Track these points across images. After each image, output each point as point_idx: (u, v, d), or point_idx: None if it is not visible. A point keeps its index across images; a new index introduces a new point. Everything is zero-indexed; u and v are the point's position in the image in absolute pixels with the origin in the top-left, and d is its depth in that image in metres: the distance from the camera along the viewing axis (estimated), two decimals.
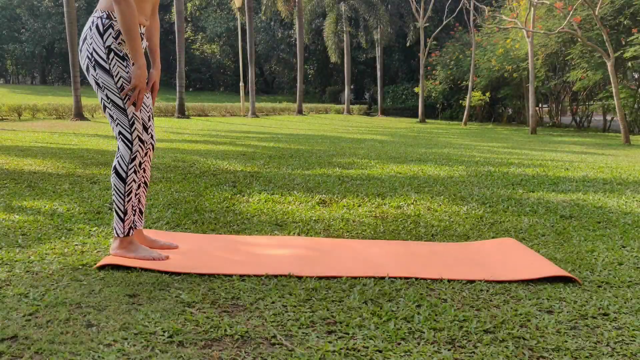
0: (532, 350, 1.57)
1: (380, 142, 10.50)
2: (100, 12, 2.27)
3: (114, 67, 2.23)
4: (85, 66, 2.28)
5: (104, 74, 2.23)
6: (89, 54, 2.24)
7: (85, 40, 2.27)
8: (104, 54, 2.23)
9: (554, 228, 3.14)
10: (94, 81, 2.26)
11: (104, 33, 2.23)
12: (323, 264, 2.33)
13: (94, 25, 2.25)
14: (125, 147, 2.28)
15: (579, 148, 10.42)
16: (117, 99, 2.25)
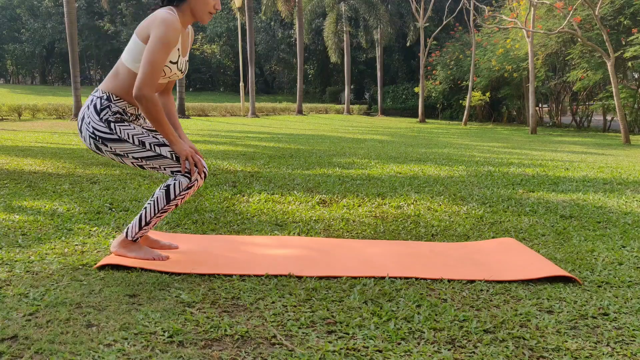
0: (532, 350, 1.57)
1: (380, 142, 10.50)
2: (100, 92, 2.27)
3: (122, 132, 2.22)
4: (94, 146, 2.25)
5: (116, 143, 2.22)
6: (91, 134, 2.23)
7: (83, 119, 2.25)
8: (105, 127, 2.21)
9: (554, 228, 3.14)
10: (113, 155, 2.25)
11: (100, 112, 2.22)
12: (323, 264, 2.33)
13: (92, 104, 2.24)
14: (184, 176, 2.26)
15: (579, 148, 10.42)
16: (146, 153, 2.23)
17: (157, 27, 2.14)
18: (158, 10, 2.21)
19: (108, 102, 2.24)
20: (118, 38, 38.48)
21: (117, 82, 2.25)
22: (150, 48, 2.13)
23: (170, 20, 2.16)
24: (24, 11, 38.96)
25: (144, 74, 2.13)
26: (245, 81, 22.58)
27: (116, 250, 2.30)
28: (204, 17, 2.28)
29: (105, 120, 2.21)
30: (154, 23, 2.16)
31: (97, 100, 2.24)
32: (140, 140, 2.22)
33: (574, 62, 17.15)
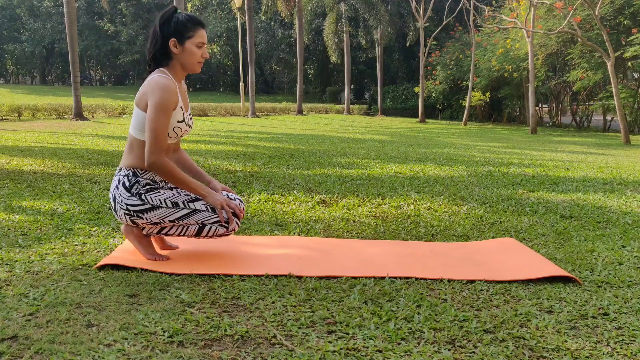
0: (532, 350, 1.57)
1: (380, 142, 10.50)
2: (125, 170, 2.29)
3: (154, 200, 2.24)
4: (130, 221, 2.27)
5: (151, 212, 2.24)
6: (126, 211, 2.24)
7: (115, 200, 2.27)
8: (137, 200, 2.23)
9: (554, 228, 3.14)
10: (151, 224, 2.26)
11: (130, 188, 2.25)
12: (323, 264, 2.33)
13: (121, 183, 2.26)
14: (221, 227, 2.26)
15: (579, 148, 10.42)
16: (182, 211, 2.24)
17: (153, 92, 2.17)
18: (150, 76, 2.23)
19: (135, 177, 2.27)
20: (118, 38, 38.48)
21: (134, 156, 2.28)
22: (150, 115, 2.16)
23: (163, 83, 2.18)
24: (24, 11, 38.96)
25: (149, 143, 2.17)
26: (245, 81, 22.58)
27: (127, 235, 2.32)
28: (195, 68, 2.30)
29: (136, 194, 2.24)
30: (150, 90, 2.18)
31: (124, 179, 2.27)
32: (173, 202, 2.24)
33: (574, 62, 17.15)
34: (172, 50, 2.23)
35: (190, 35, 2.24)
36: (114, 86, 41.70)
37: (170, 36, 2.22)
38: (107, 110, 18.12)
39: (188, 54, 2.25)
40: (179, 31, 2.22)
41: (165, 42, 2.22)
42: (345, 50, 26.55)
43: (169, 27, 2.22)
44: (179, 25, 2.22)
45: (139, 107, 2.23)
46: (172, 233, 2.31)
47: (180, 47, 2.23)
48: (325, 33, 26.81)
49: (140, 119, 2.22)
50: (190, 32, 2.24)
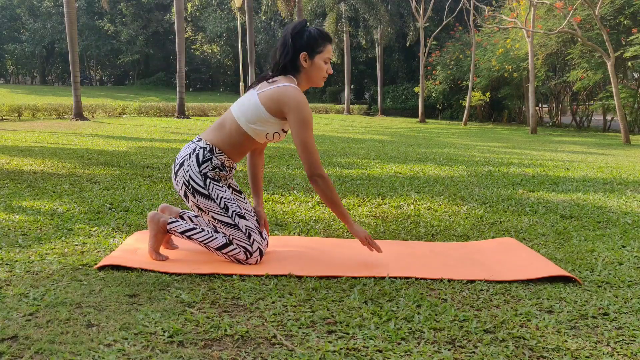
0: (532, 350, 1.57)
1: (380, 142, 10.51)
2: (204, 142, 2.30)
3: (213, 191, 2.26)
4: (183, 192, 2.29)
5: (204, 199, 2.25)
6: (186, 181, 2.26)
7: (182, 165, 2.28)
8: (201, 180, 2.25)
9: (554, 228, 3.14)
10: (196, 206, 2.28)
11: (202, 163, 2.26)
12: (323, 264, 2.33)
13: (195, 153, 2.28)
14: (245, 254, 2.28)
15: (579, 148, 10.42)
16: (225, 218, 2.26)
17: (298, 109, 2.19)
18: (284, 86, 2.23)
19: (210, 154, 2.28)
20: (118, 38, 38.48)
21: (223, 135, 2.29)
22: (300, 132, 2.21)
23: (303, 99, 2.21)
24: (24, 11, 38.97)
25: (306, 158, 2.22)
26: (245, 81, 22.60)
27: (151, 221, 2.32)
28: (320, 82, 2.35)
29: (203, 174, 2.25)
30: (288, 102, 2.20)
31: (200, 151, 2.28)
32: (226, 205, 2.26)
33: (574, 62, 17.15)
34: (302, 64, 2.26)
35: (320, 50, 2.27)
36: (114, 86, 41.71)
37: (301, 49, 2.25)
38: (107, 110, 18.13)
39: (316, 68, 2.28)
40: (311, 45, 2.25)
41: (296, 54, 2.25)
42: (345, 50, 26.55)
43: (301, 40, 2.25)
44: (311, 39, 2.25)
45: (263, 105, 2.22)
46: (197, 238, 2.31)
47: (309, 61, 2.27)
48: None
49: (257, 114, 2.23)
50: (321, 46, 2.27)
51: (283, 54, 2.25)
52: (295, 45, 2.24)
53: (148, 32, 38.65)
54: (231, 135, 2.28)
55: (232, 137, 2.28)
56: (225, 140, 2.29)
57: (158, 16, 38.58)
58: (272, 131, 2.29)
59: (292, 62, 2.26)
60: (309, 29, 2.27)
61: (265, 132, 2.27)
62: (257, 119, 2.24)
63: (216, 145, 2.29)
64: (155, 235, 2.33)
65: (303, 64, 2.26)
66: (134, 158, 6.12)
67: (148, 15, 38.73)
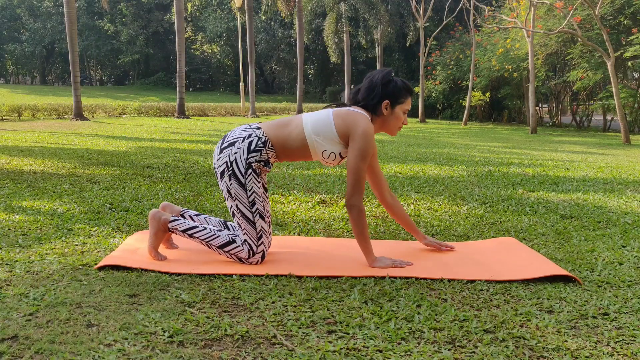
0: (533, 350, 1.57)
1: (380, 141, 10.50)
2: (262, 132, 2.32)
3: (249, 182, 2.28)
4: (221, 171, 2.30)
5: (238, 186, 2.27)
6: (229, 162, 2.28)
7: (231, 145, 2.30)
8: (244, 167, 2.27)
9: (554, 228, 3.14)
10: (226, 189, 2.30)
11: (252, 151, 2.28)
12: (323, 264, 2.33)
13: (248, 139, 2.29)
14: (248, 253, 2.29)
15: (579, 148, 10.42)
16: (247, 212, 2.28)
17: (363, 138, 2.24)
18: (359, 113, 2.30)
19: (263, 146, 2.30)
20: (118, 38, 38.48)
21: (282, 133, 2.32)
22: (355, 160, 2.24)
23: (371, 133, 2.28)
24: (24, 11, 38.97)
25: (352, 184, 2.25)
26: (246, 81, 22.59)
27: (152, 219, 2.33)
28: (394, 132, 2.43)
29: (248, 162, 2.27)
30: (357, 129, 2.25)
31: (254, 139, 2.30)
32: (253, 201, 2.29)
33: (574, 61, 17.14)
34: (382, 110, 2.35)
35: (402, 101, 2.38)
36: (114, 86, 41.69)
37: (385, 97, 2.34)
38: (107, 110, 18.13)
39: (394, 117, 2.39)
40: (395, 95, 2.36)
41: (380, 100, 2.33)
42: (346, 50, 26.55)
43: (387, 88, 2.34)
44: (396, 89, 2.36)
45: (335, 125, 2.28)
46: (198, 236, 2.31)
47: (390, 109, 2.37)
48: (325, 33, 26.81)
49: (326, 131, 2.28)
50: (403, 98, 2.38)
51: (370, 96, 2.34)
52: (382, 92, 2.33)
53: (148, 32, 38.64)
54: (290, 137, 2.31)
55: (291, 139, 2.31)
56: (281, 139, 2.32)
57: (158, 16, 38.59)
58: (330, 151, 2.31)
59: (374, 106, 2.35)
60: (395, 80, 2.37)
61: (323, 149, 2.31)
62: (322, 133, 2.28)
63: (271, 139, 2.31)
64: (155, 234, 2.33)
65: (383, 111, 2.36)
66: (134, 158, 6.12)
67: (148, 15, 38.72)
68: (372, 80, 2.35)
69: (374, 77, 2.35)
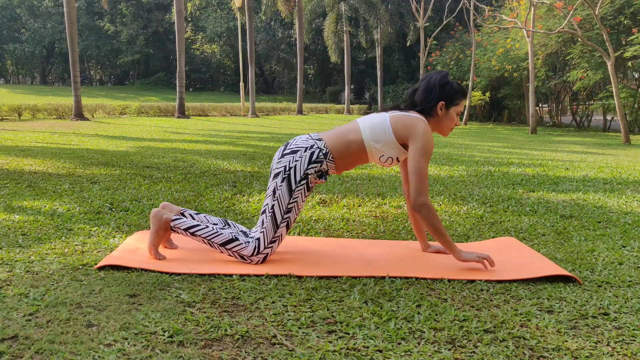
0: (533, 350, 1.57)
1: None
2: (323, 144, 2.35)
3: (297, 191, 2.31)
4: (277, 172, 2.33)
5: (285, 190, 2.30)
6: (287, 167, 2.31)
7: (294, 153, 2.34)
8: (300, 176, 2.31)
9: (554, 228, 3.14)
10: (273, 188, 2.32)
11: (312, 162, 2.32)
12: (323, 264, 2.33)
13: (310, 150, 2.33)
14: (252, 251, 2.30)
15: (579, 148, 10.42)
16: (279, 215, 2.31)
17: (424, 136, 2.28)
18: (416, 117, 2.33)
19: (324, 158, 2.33)
20: (118, 38, 38.48)
21: (341, 144, 2.35)
22: (418, 158, 2.26)
23: (430, 131, 2.31)
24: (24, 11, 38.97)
25: (417, 184, 2.25)
26: (245, 81, 22.59)
27: (153, 218, 2.34)
28: (446, 132, 2.45)
29: (305, 173, 2.31)
30: (417, 131, 2.29)
31: (316, 150, 2.33)
32: (289, 209, 2.32)
33: (574, 61, 17.14)
34: (437, 111, 2.38)
35: (456, 103, 2.40)
36: (114, 86, 41.69)
37: (441, 99, 2.37)
38: (107, 110, 18.13)
39: (448, 119, 2.41)
40: (450, 97, 2.38)
41: (437, 101, 2.36)
42: (346, 50, 26.56)
43: (443, 90, 2.37)
44: (452, 91, 2.38)
45: (394, 129, 2.30)
46: (201, 234, 2.31)
47: (444, 111, 2.39)
48: (325, 33, 26.82)
49: (384, 136, 2.31)
50: (458, 100, 2.40)
51: (427, 98, 2.37)
52: (439, 94, 2.36)
53: (148, 32, 38.65)
54: (349, 146, 2.35)
55: (350, 148, 2.35)
56: (341, 150, 2.35)
57: (158, 16, 38.59)
58: (388, 155, 2.34)
59: (429, 108, 2.37)
60: (451, 82, 2.39)
61: (381, 154, 2.34)
62: (381, 139, 2.31)
63: (332, 151, 2.35)
64: (156, 232, 2.33)
65: (438, 112, 2.38)
66: (134, 158, 6.12)
67: (148, 15, 38.73)
68: (430, 82, 2.37)
69: (432, 79, 2.38)
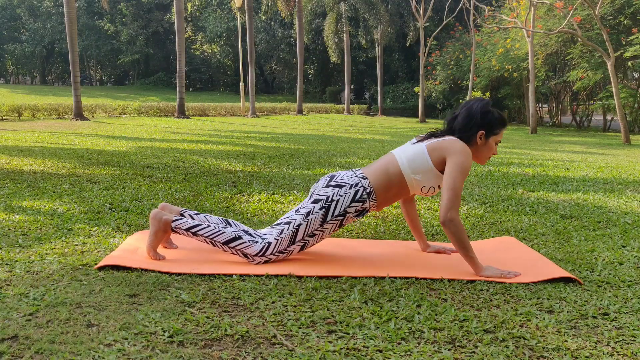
0: (533, 350, 1.57)
1: (380, 142, 10.50)
2: (368, 183, 2.33)
3: (329, 224, 2.31)
4: (317, 199, 2.33)
5: (319, 217, 2.30)
6: (330, 198, 2.30)
7: (338, 187, 2.32)
8: (338, 212, 2.30)
9: (554, 228, 3.14)
10: (308, 210, 2.31)
11: (355, 201, 2.30)
12: (323, 263, 2.33)
13: (355, 188, 2.32)
14: (258, 251, 2.29)
15: (579, 148, 10.42)
16: (300, 235, 2.30)
17: (460, 153, 2.26)
18: (453, 139, 2.33)
19: (367, 197, 2.33)
20: (118, 38, 38.47)
21: (384, 180, 2.34)
22: (454, 174, 2.24)
23: (468, 151, 2.30)
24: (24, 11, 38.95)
25: (449, 200, 2.20)
26: (246, 81, 22.58)
27: (152, 219, 2.33)
28: (484, 161, 2.43)
29: (345, 210, 2.30)
30: (454, 149, 2.28)
31: (361, 189, 2.32)
32: (314, 234, 2.33)
33: (574, 61, 17.14)
34: (477, 140, 2.36)
35: (496, 132, 2.37)
36: (114, 86, 41.68)
37: (481, 127, 2.34)
38: (107, 110, 18.13)
39: (487, 148, 2.39)
40: (491, 126, 2.35)
41: (476, 129, 2.34)
42: (346, 50, 26.55)
43: (485, 119, 2.34)
44: (493, 121, 2.35)
45: (430, 156, 2.29)
46: (202, 234, 2.31)
47: (484, 140, 2.37)
48: (325, 33, 26.81)
49: (423, 165, 2.30)
50: (498, 129, 2.37)
51: (468, 125, 2.34)
52: (479, 122, 2.33)
53: (148, 32, 38.63)
54: (390, 181, 2.34)
55: (391, 183, 2.34)
56: (383, 186, 2.34)
57: (158, 16, 38.58)
58: (429, 185, 2.33)
59: (468, 137, 2.35)
60: (492, 111, 2.37)
61: (422, 184, 2.32)
62: (420, 169, 2.30)
63: (376, 190, 2.33)
64: (155, 233, 2.33)
65: (478, 141, 2.36)
66: (134, 158, 6.12)
67: (148, 15, 38.71)
68: (471, 110, 2.34)
69: (473, 107, 2.35)
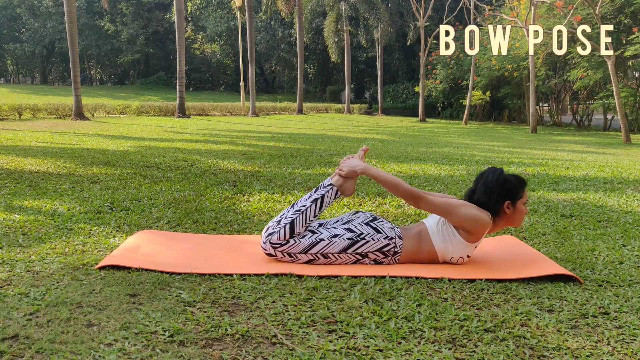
0: (533, 349, 1.57)
1: (380, 141, 10.50)
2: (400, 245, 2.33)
3: (346, 256, 2.32)
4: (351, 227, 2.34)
5: (341, 247, 2.31)
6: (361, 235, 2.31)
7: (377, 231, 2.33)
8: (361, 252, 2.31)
9: (555, 227, 3.14)
10: (336, 234, 2.32)
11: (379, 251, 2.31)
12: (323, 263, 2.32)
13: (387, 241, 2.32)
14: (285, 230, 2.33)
15: (580, 147, 10.41)
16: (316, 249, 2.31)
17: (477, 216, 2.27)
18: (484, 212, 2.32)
19: (391, 255, 2.33)
20: (118, 38, 38.46)
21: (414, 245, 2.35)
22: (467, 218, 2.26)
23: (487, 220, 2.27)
24: (24, 11, 38.94)
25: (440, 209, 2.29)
26: (246, 80, 22.60)
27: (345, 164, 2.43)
28: (520, 223, 2.41)
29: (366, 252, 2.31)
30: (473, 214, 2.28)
31: (391, 246, 2.33)
32: (327, 254, 2.32)
33: (575, 61, 17.13)
34: (505, 211, 2.33)
35: (521, 196, 2.35)
36: (114, 86, 41.68)
37: (506, 198, 2.32)
38: (107, 110, 18.13)
39: (518, 213, 2.36)
40: (514, 193, 2.33)
41: (500, 201, 2.32)
42: (346, 50, 26.54)
43: (505, 189, 2.33)
44: (514, 188, 2.34)
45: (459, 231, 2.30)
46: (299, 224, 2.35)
47: (512, 208, 2.34)
48: (325, 32, 26.81)
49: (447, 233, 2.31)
50: (521, 192, 2.35)
51: (490, 202, 2.32)
52: (500, 194, 2.32)
53: (148, 31, 38.63)
54: (420, 247, 2.35)
55: (420, 248, 2.34)
56: (412, 249, 2.35)
57: (158, 16, 38.58)
58: (459, 256, 2.33)
59: (496, 210, 2.33)
60: (508, 178, 2.35)
61: (452, 255, 2.33)
62: (449, 243, 2.31)
63: (403, 253, 2.34)
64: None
65: (506, 211, 2.34)
66: (134, 157, 6.12)
67: (148, 14, 38.71)
68: (488, 185, 2.33)
69: (488, 180, 2.34)
